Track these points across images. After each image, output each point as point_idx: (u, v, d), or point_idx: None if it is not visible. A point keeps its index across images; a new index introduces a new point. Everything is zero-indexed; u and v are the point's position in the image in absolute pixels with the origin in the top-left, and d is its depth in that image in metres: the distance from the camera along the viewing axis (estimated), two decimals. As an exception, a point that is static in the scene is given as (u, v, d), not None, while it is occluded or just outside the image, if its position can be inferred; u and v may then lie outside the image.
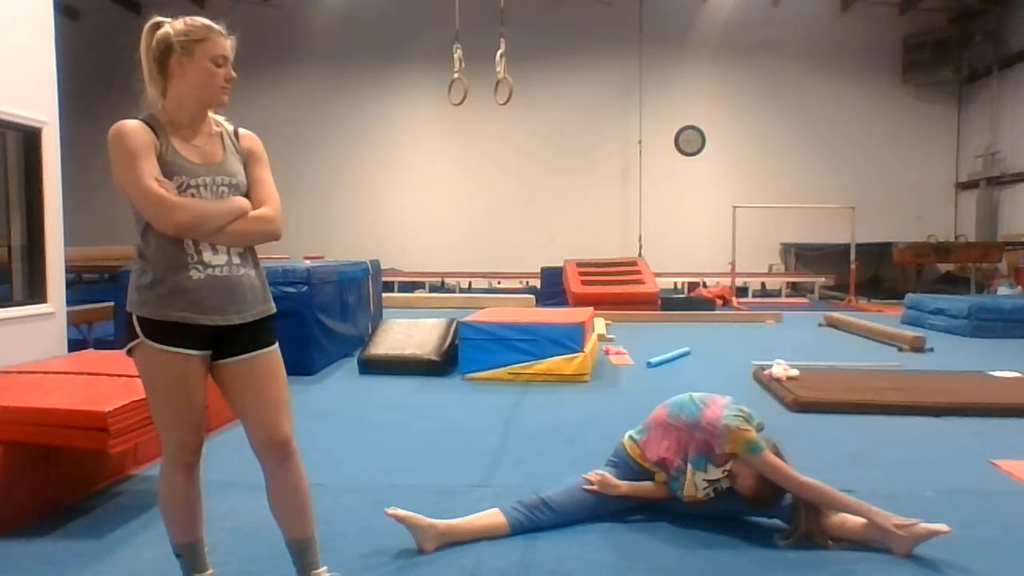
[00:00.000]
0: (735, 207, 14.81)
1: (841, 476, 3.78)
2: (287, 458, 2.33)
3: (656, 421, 3.26)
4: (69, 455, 3.39)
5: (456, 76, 11.12)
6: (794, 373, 6.08)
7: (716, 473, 3.06)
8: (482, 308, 8.29)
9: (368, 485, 3.67)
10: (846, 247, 14.95)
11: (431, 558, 2.83)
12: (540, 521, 3.07)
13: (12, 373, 3.96)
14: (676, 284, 16.06)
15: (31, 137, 5.34)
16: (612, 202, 18.05)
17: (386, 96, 18.12)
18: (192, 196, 2.20)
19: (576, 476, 3.24)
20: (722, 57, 17.69)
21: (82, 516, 3.30)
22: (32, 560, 2.86)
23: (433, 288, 16.67)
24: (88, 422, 3.12)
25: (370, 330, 7.80)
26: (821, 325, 10.82)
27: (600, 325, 9.11)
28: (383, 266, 11.07)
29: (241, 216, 2.25)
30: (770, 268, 17.84)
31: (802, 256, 17.55)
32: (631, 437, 3.33)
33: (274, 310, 2.38)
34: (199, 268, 2.20)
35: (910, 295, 11.48)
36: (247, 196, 2.31)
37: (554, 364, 6.41)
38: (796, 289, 16.92)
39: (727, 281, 14.98)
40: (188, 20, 2.22)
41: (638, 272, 13.39)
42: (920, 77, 17.38)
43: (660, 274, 14.22)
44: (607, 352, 8.01)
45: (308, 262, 8.51)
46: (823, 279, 16.14)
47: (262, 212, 2.30)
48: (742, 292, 15.67)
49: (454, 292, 16.09)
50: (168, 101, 2.24)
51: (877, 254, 16.21)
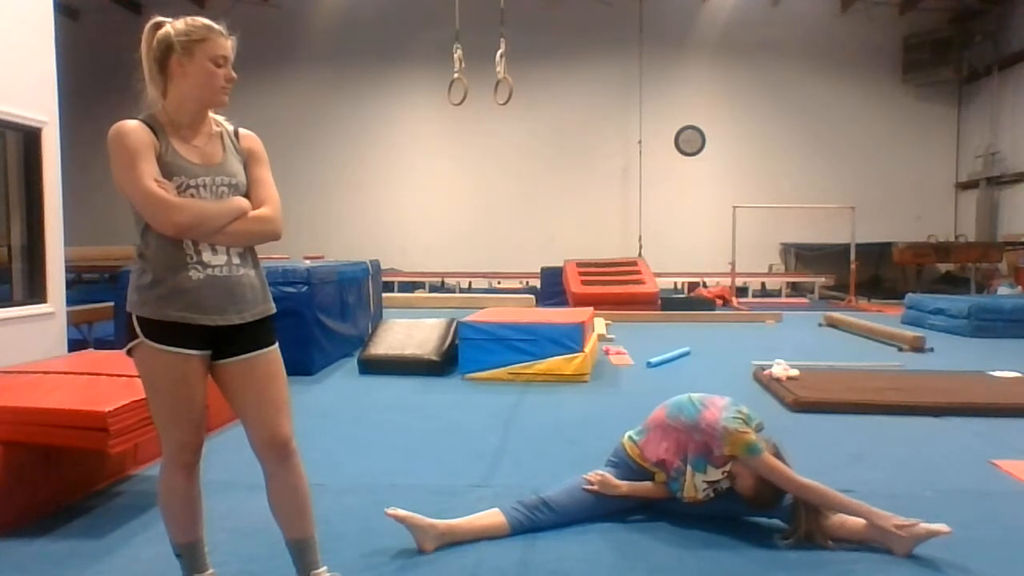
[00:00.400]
0: (735, 207, 14.81)
1: (841, 476, 3.79)
2: (287, 458, 2.33)
3: (655, 422, 3.26)
4: (69, 455, 3.39)
5: (456, 76, 11.12)
6: (794, 373, 6.08)
7: (716, 474, 3.06)
8: (482, 308, 8.29)
9: (368, 485, 3.67)
10: (846, 247, 14.95)
11: (431, 558, 2.83)
12: (540, 521, 3.07)
13: (12, 373, 3.96)
14: (676, 284, 16.06)
15: (31, 137, 5.34)
16: (612, 202, 18.06)
17: (386, 96, 18.13)
18: (192, 196, 2.20)
19: (576, 476, 3.25)
20: (722, 57, 17.70)
21: (82, 516, 3.30)
22: (32, 560, 2.86)
23: (433, 288, 16.67)
24: (88, 422, 3.12)
25: (370, 330, 7.80)
26: (821, 325, 10.82)
27: (600, 325, 9.11)
28: (383, 266, 11.07)
29: (241, 216, 2.25)
30: (770, 268, 17.84)
31: (802, 256, 17.55)
32: (631, 438, 3.33)
33: (274, 310, 2.38)
34: (199, 268, 2.20)
35: (910, 295, 11.48)
36: (247, 196, 2.31)
37: (554, 364, 6.41)
38: (796, 289, 16.93)
39: (727, 281, 14.98)
40: (189, 20, 2.22)
41: (638, 272, 13.40)
42: (920, 77, 17.38)
43: (660, 274, 14.23)
44: (607, 352, 8.01)
45: (308, 262, 8.50)
46: (823, 279, 16.15)
47: (262, 212, 2.30)
48: (742, 292, 15.67)
49: (454, 292, 16.09)
50: (168, 101, 2.24)
51: (877, 254, 16.22)
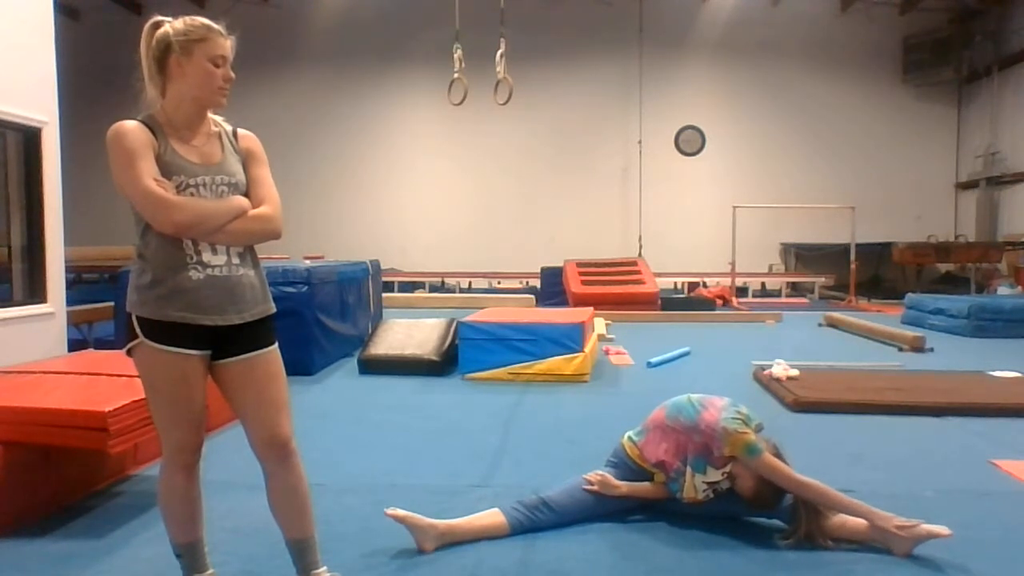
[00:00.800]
0: (735, 207, 14.81)
1: (841, 476, 3.79)
2: (287, 458, 2.33)
3: (655, 423, 3.26)
4: (69, 455, 3.39)
5: (456, 76, 11.12)
6: (794, 373, 6.08)
7: (715, 475, 3.06)
8: (482, 308, 8.29)
9: (368, 485, 3.67)
10: (846, 247, 14.95)
11: (431, 558, 2.83)
12: (540, 521, 3.07)
13: (12, 373, 3.96)
14: (676, 284, 16.06)
15: (31, 137, 5.34)
16: (612, 202, 18.05)
17: (386, 96, 18.12)
18: (191, 196, 2.20)
19: (576, 476, 3.25)
20: (722, 57, 17.70)
21: (82, 516, 3.30)
22: (32, 560, 2.86)
23: (433, 288, 16.67)
24: (88, 422, 3.12)
25: (370, 330, 7.80)
26: (821, 325, 10.81)
27: (600, 325, 9.11)
28: (383, 266, 11.07)
29: (240, 215, 2.25)
30: (770, 268, 17.84)
31: (802, 256, 17.55)
32: (630, 438, 3.33)
33: (274, 310, 2.38)
34: (198, 268, 2.20)
35: (910, 295, 11.47)
36: (247, 195, 2.31)
37: (554, 364, 6.41)
38: (796, 289, 16.92)
39: (727, 281, 14.98)
40: (188, 20, 2.21)
41: (638, 272, 13.40)
42: (920, 77, 17.38)
43: (660, 274, 14.22)
44: (607, 352, 8.01)
45: (308, 262, 8.50)
46: (823, 279, 16.15)
47: (261, 211, 2.30)
48: (742, 292, 15.66)
49: (454, 292, 16.09)
50: (167, 101, 2.24)
51: (877, 254, 16.23)
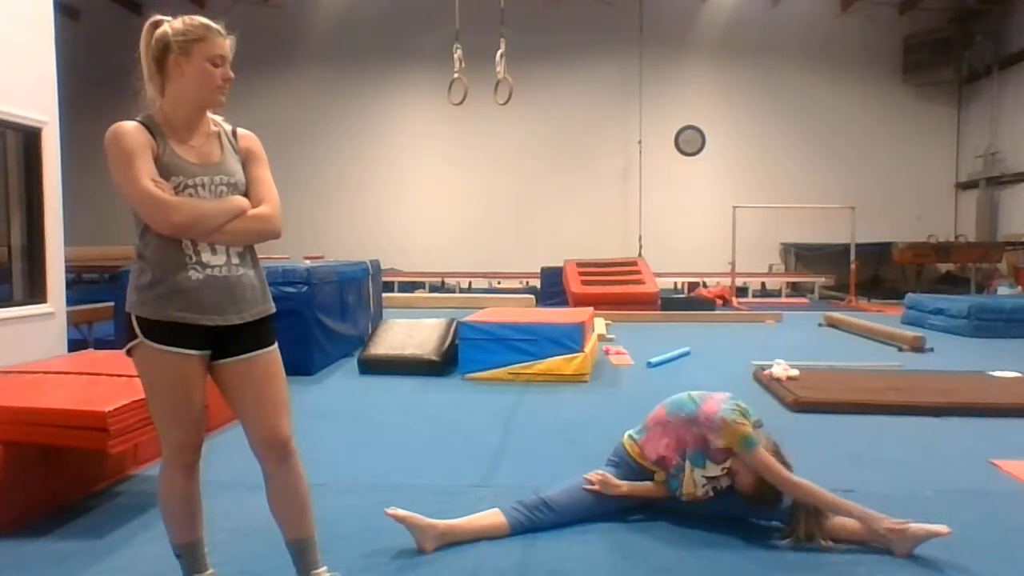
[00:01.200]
0: (735, 207, 14.81)
1: (841, 476, 3.79)
2: (287, 458, 2.33)
3: (655, 420, 3.27)
4: (69, 455, 3.39)
5: (456, 76, 11.12)
6: (794, 373, 6.08)
7: (715, 470, 3.06)
8: (482, 308, 8.29)
9: (368, 485, 3.67)
10: (846, 247, 14.95)
11: (431, 558, 2.83)
12: (540, 521, 3.07)
13: (12, 373, 3.96)
14: (676, 284, 16.05)
15: (31, 137, 5.34)
16: (612, 202, 18.05)
17: (386, 96, 18.12)
18: (190, 196, 2.20)
19: (576, 476, 3.25)
20: (722, 57, 17.69)
21: (82, 516, 3.30)
22: (32, 560, 2.86)
23: (433, 288, 16.67)
24: (88, 422, 3.12)
25: (370, 330, 7.80)
26: (821, 325, 10.81)
27: (600, 325, 9.11)
28: (383, 266, 11.07)
29: (239, 215, 2.25)
30: (770, 268, 17.84)
31: (802, 256, 17.55)
32: (630, 436, 3.34)
33: (273, 310, 2.38)
34: (198, 268, 2.20)
35: (910, 295, 11.47)
36: (246, 195, 2.31)
37: (554, 364, 6.41)
38: (796, 289, 16.92)
39: (727, 281, 14.98)
40: (187, 19, 2.21)
41: (638, 272, 13.39)
42: (920, 77, 17.37)
43: (660, 274, 14.22)
44: (607, 352, 8.01)
45: (308, 262, 8.50)
46: (823, 279, 16.14)
47: (261, 211, 2.30)
48: (742, 292, 15.66)
49: (454, 292, 16.08)
50: (166, 101, 2.24)
51: (877, 254, 16.22)
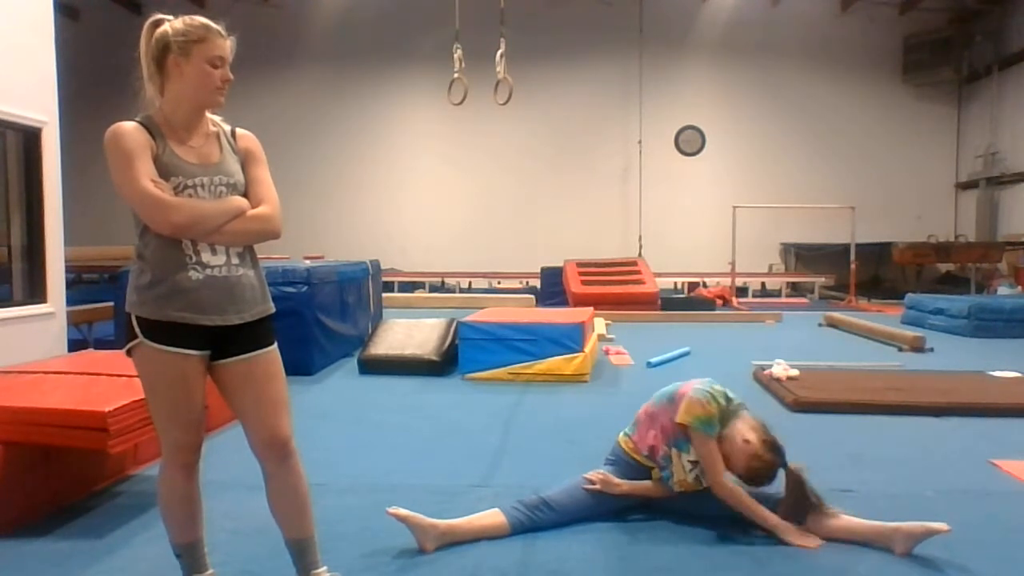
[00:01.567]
0: (735, 207, 14.81)
1: (841, 476, 3.79)
2: (287, 458, 2.33)
3: (643, 412, 3.33)
4: (69, 455, 3.39)
5: (456, 76, 11.12)
6: (794, 373, 6.08)
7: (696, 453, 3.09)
8: (482, 308, 8.29)
9: (368, 485, 3.67)
10: (846, 247, 14.95)
11: (431, 558, 2.83)
12: (540, 520, 3.08)
13: (12, 373, 3.96)
14: (676, 284, 16.05)
15: (31, 137, 5.34)
16: (612, 202, 18.05)
17: (386, 96, 18.12)
18: (190, 196, 2.20)
19: (576, 476, 3.25)
20: (722, 57, 17.69)
21: (82, 516, 3.30)
22: (32, 560, 2.86)
23: (433, 288, 16.67)
24: (88, 422, 3.12)
25: (370, 330, 7.80)
26: (821, 325, 10.81)
27: (600, 325, 9.11)
28: (383, 266, 11.07)
29: (239, 215, 2.25)
30: (770, 268, 17.84)
31: (802, 256, 17.55)
32: (625, 433, 3.37)
33: (273, 310, 2.38)
34: (198, 268, 2.20)
35: (910, 295, 11.47)
36: (245, 196, 2.31)
37: (554, 364, 6.41)
38: (796, 289, 16.92)
39: (727, 281, 14.98)
40: (187, 20, 2.21)
41: (638, 272, 13.39)
42: (920, 77, 17.38)
43: (660, 274, 14.22)
44: (607, 352, 8.01)
45: (308, 262, 8.50)
46: (823, 279, 16.15)
47: (260, 211, 2.30)
48: (742, 292, 15.66)
49: (454, 292, 16.08)
50: (165, 100, 2.24)
51: (877, 254, 16.22)
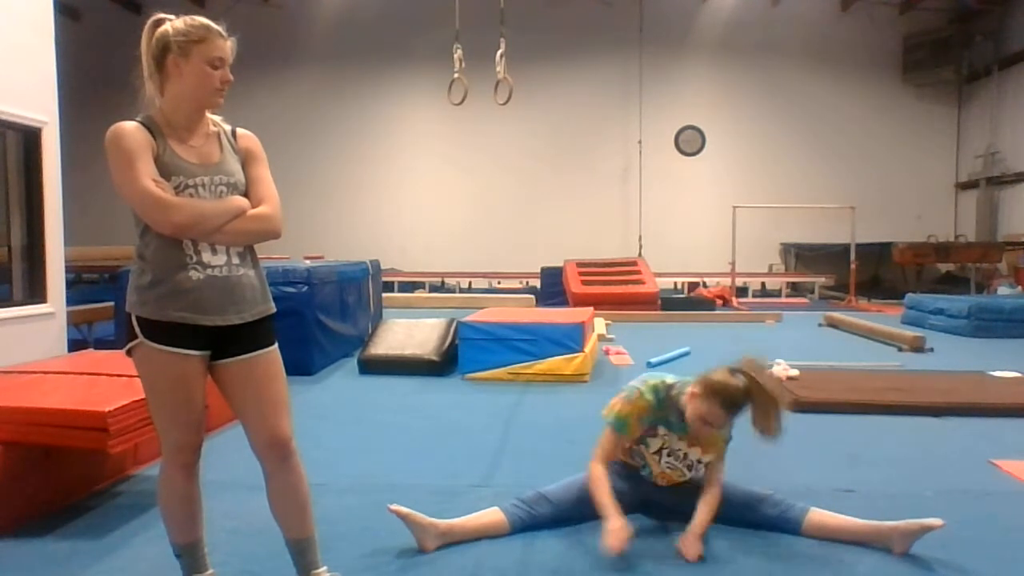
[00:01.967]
0: (735, 207, 14.81)
1: (841, 476, 3.80)
2: (287, 458, 2.33)
3: None
4: (69, 455, 3.39)
5: (456, 76, 11.12)
6: (794, 373, 6.08)
7: (656, 443, 3.08)
8: (482, 308, 8.29)
9: (368, 485, 3.67)
10: (846, 247, 14.94)
11: (431, 558, 2.83)
12: (540, 516, 3.07)
13: (12, 373, 3.96)
14: (676, 284, 16.05)
15: (31, 137, 5.34)
16: (612, 202, 18.05)
17: (386, 96, 18.12)
18: (190, 196, 2.20)
19: (575, 473, 3.23)
20: (722, 57, 17.69)
21: (82, 516, 3.30)
22: (32, 560, 2.86)
23: (433, 288, 16.67)
24: (88, 422, 3.12)
25: (370, 330, 7.80)
26: (821, 325, 10.81)
27: (600, 325, 9.11)
28: (383, 266, 11.07)
29: (239, 215, 2.25)
30: (770, 268, 17.84)
31: (802, 256, 17.55)
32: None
33: (274, 310, 2.38)
34: (198, 268, 2.20)
35: (910, 295, 11.47)
36: (246, 195, 2.31)
37: (554, 364, 6.41)
38: (796, 289, 16.92)
39: (727, 281, 14.98)
40: (188, 20, 2.21)
41: (638, 272, 13.40)
42: (920, 77, 17.38)
43: (660, 274, 14.22)
44: (607, 352, 8.01)
45: (308, 262, 8.50)
46: (823, 279, 16.15)
47: (261, 211, 2.30)
48: (742, 292, 15.66)
49: (454, 292, 16.08)
50: (165, 100, 2.24)
51: (877, 254, 16.22)
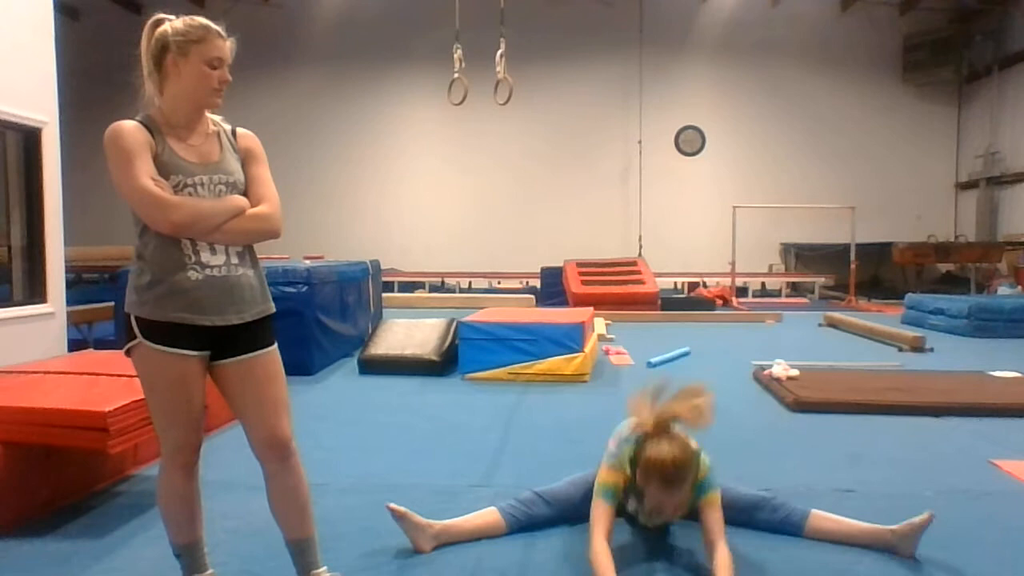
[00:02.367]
0: (735, 207, 14.81)
1: (841, 476, 3.80)
2: (287, 458, 2.33)
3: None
4: (69, 455, 3.39)
5: (456, 76, 11.12)
6: (794, 373, 6.08)
7: (632, 506, 2.85)
8: (482, 308, 8.29)
9: (368, 485, 3.67)
10: (846, 247, 14.94)
11: (430, 558, 2.83)
12: (536, 517, 3.07)
13: (12, 373, 3.96)
14: (676, 284, 16.06)
15: (31, 137, 5.34)
16: (612, 202, 18.05)
17: (386, 96, 18.13)
18: (189, 195, 2.19)
19: (575, 473, 3.23)
20: (722, 57, 17.70)
21: (82, 516, 3.30)
22: (32, 560, 2.86)
23: (433, 288, 16.66)
24: (88, 422, 3.12)
25: (370, 330, 7.80)
26: (821, 325, 10.81)
27: (600, 325, 9.11)
28: (383, 266, 11.06)
29: (238, 214, 2.25)
30: (770, 268, 17.84)
31: (802, 256, 17.55)
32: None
33: (273, 310, 2.38)
34: (197, 268, 2.20)
35: (910, 295, 11.47)
36: (245, 195, 2.31)
37: (554, 364, 6.41)
38: (796, 289, 16.92)
39: (727, 281, 14.98)
40: (188, 20, 2.21)
41: (638, 272, 13.39)
42: (920, 77, 17.39)
43: (660, 274, 14.23)
44: (607, 352, 8.00)
45: (308, 262, 8.50)
46: (823, 279, 16.15)
47: (260, 210, 2.30)
48: (742, 292, 15.66)
49: (454, 292, 16.08)
50: (164, 100, 2.24)
51: (877, 254, 16.22)
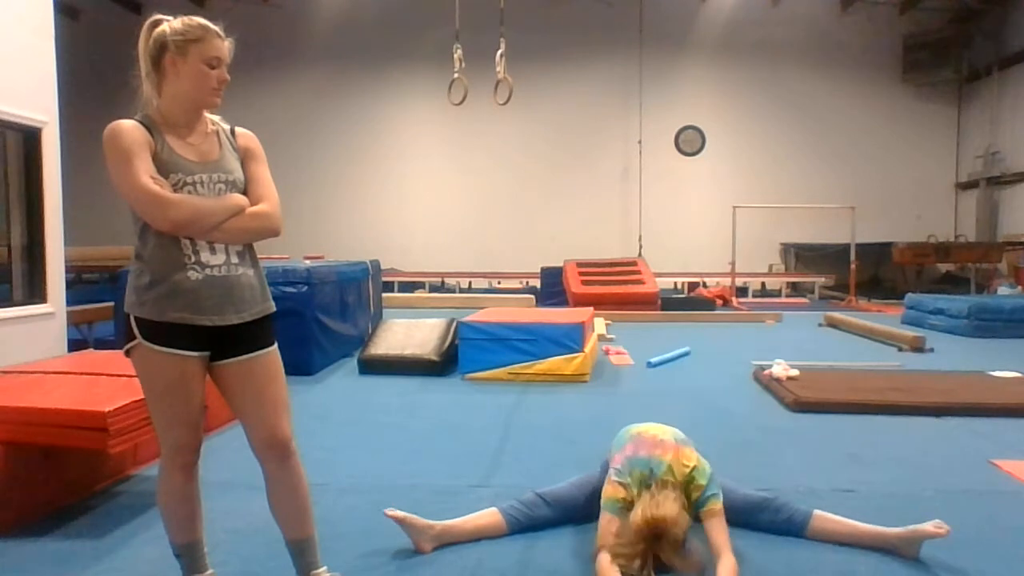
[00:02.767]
0: (735, 207, 14.81)
1: (841, 476, 3.80)
2: (287, 458, 2.33)
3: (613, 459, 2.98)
4: (69, 455, 3.39)
5: (456, 76, 11.11)
6: (794, 373, 6.08)
7: None
8: (482, 308, 8.29)
9: (368, 485, 3.67)
10: (846, 247, 14.94)
11: (430, 558, 2.83)
12: (537, 518, 3.07)
13: (12, 373, 3.97)
14: (676, 284, 16.06)
15: (31, 137, 5.35)
16: (612, 202, 18.05)
17: (386, 96, 18.12)
18: (189, 193, 2.19)
19: (575, 473, 3.23)
20: (722, 57, 17.70)
21: (82, 516, 3.30)
22: (32, 560, 2.86)
23: (433, 288, 16.66)
24: (88, 422, 3.12)
25: (370, 330, 7.80)
26: (821, 325, 10.81)
27: (600, 325, 9.11)
28: (383, 266, 11.06)
29: (238, 213, 2.25)
30: (770, 268, 17.84)
31: (802, 256, 17.55)
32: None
33: (273, 310, 2.38)
34: (197, 268, 2.20)
35: (910, 295, 11.47)
36: (245, 194, 2.31)
37: (554, 364, 6.41)
38: (796, 289, 16.91)
39: (727, 281, 14.98)
40: (186, 20, 2.21)
41: (638, 272, 13.39)
42: (920, 77, 17.39)
43: (660, 274, 14.22)
44: (607, 352, 8.00)
45: (308, 262, 8.50)
46: (823, 279, 16.15)
47: (260, 208, 2.30)
48: (742, 292, 15.66)
49: (454, 292, 16.08)
50: (163, 99, 2.24)
51: (877, 254, 16.22)
